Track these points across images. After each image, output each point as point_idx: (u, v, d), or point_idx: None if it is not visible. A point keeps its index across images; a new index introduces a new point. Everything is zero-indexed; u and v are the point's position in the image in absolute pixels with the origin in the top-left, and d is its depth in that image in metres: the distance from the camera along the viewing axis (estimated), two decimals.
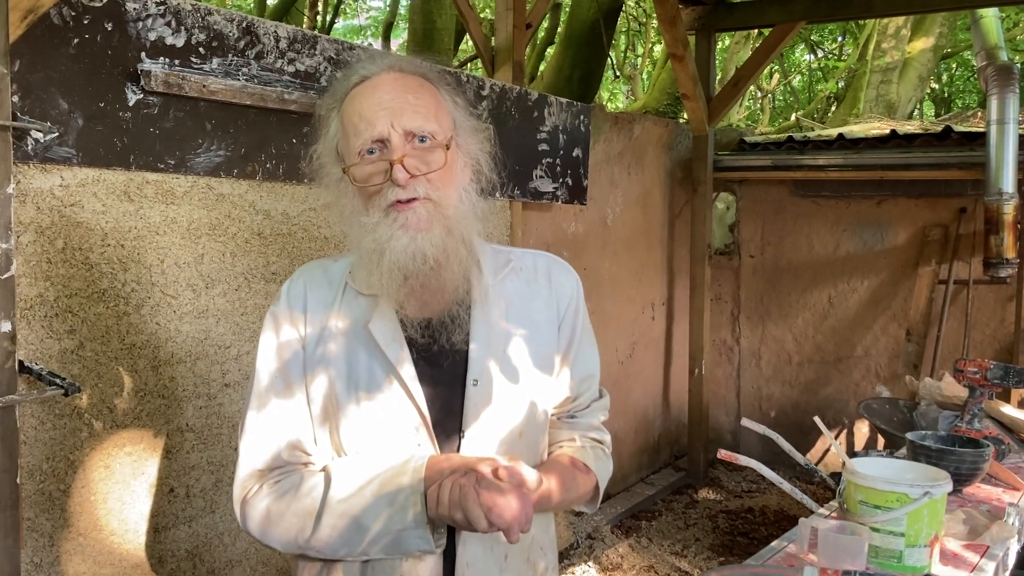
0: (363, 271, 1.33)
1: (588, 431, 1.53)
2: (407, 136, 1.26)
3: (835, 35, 12.23)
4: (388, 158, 1.25)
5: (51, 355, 2.15)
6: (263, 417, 1.35)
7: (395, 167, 1.24)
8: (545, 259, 1.50)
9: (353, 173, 1.29)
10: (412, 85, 1.30)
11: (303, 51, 2.64)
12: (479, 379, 1.34)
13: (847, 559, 1.64)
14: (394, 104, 1.26)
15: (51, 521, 2.19)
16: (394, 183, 1.24)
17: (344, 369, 1.33)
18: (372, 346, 1.32)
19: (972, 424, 2.68)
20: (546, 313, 1.44)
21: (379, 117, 1.26)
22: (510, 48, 4.25)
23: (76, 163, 2.12)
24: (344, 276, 1.39)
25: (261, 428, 1.35)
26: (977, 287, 5.18)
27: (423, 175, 1.26)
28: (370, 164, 1.27)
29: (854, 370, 5.66)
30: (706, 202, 5.61)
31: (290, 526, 1.29)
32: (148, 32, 2.23)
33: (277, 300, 1.40)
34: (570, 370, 1.47)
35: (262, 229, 2.65)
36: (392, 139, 1.25)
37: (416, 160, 1.26)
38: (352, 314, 1.35)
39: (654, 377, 5.83)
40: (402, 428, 1.32)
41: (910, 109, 8.40)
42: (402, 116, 1.26)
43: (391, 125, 1.25)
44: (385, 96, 1.27)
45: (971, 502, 2.21)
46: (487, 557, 1.35)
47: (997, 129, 4.40)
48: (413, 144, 1.26)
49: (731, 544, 4.71)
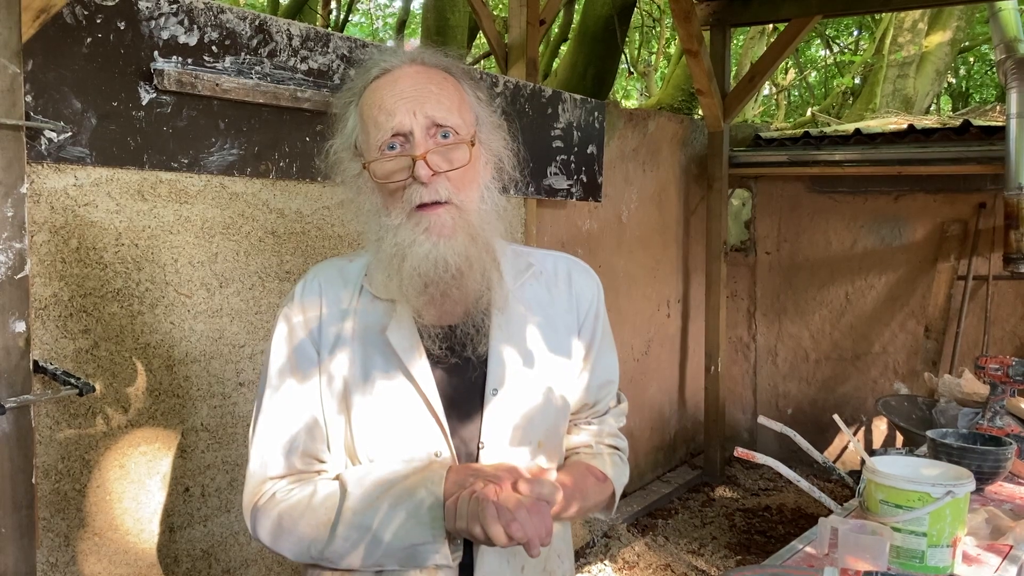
0: (381, 274, 1.28)
1: (605, 437, 1.50)
2: (429, 130, 1.22)
3: (851, 29, 12.15)
4: (410, 153, 1.21)
5: (66, 355, 2.15)
6: (275, 423, 1.32)
7: (418, 163, 1.19)
8: (566, 262, 1.46)
9: (373, 169, 1.24)
10: (435, 78, 1.26)
11: (316, 49, 2.63)
12: (498, 388, 1.31)
13: (868, 559, 1.62)
14: (416, 95, 1.22)
15: (66, 521, 2.19)
16: (417, 180, 1.20)
17: (360, 375, 1.29)
18: (389, 353, 1.28)
19: (994, 421, 2.65)
20: (566, 319, 1.41)
21: (400, 108, 1.21)
22: (524, 45, 4.23)
23: (90, 163, 2.12)
24: (360, 277, 1.34)
25: (273, 434, 1.31)
26: (997, 283, 5.12)
27: (445, 172, 1.22)
28: (391, 160, 1.22)
29: (872, 367, 5.61)
30: (722, 198, 5.57)
31: (303, 535, 1.26)
32: (161, 31, 2.22)
33: (290, 301, 1.35)
34: (589, 376, 1.45)
35: (276, 228, 2.65)
36: (415, 132, 1.21)
37: (439, 157, 1.22)
38: (368, 319, 1.31)
39: (670, 374, 5.81)
40: (420, 437, 1.28)
41: (927, 104, 8.32)
42: (424, 106, 1.21)
43: (413, 115, 1.21)
44: (407, 87, 1.23)
45: (994, 501, 2.18)
46: (504, 569, 1.31)
47: (1017, 123, 4.35)
48: (436, 140, 1.22)
49: (748, 543, 4.68)
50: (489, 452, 1.30)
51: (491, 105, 1.34)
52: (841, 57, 11.94)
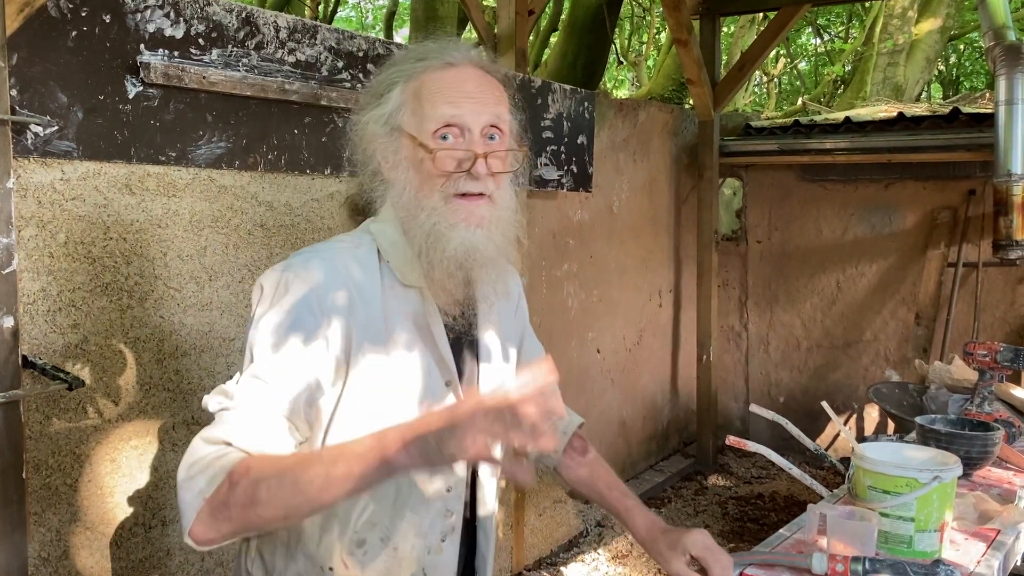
0: (406, 253, 1.30)
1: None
2: (484, 130, 1.28)
3: (841, 18, 12.15)
4: (469, 148, 1.27)
5: (55, 349, 2.15)
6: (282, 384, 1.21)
7: (479, 161, 1.26)
8: None
9: (434, 154, 1.27)
10: (494, 83, 1.34)
11: (303, 41, 2.62)
12: (489, 362, 1.43)
13: (856, 545, 1.63)
14: (482, 96, 1.30)
15: (58, 516, 2.19)
16: (472, 176, 1.26)
17: (395, 358, 1.28)
18: (428, 338, 1.32)
19: (982, 407, 2.66)
20: (507, 307, 1.52)
21: (466, 106, 1.28)
22: (513, 35, 4.21)
23: (77, 157, 2.11)
24: (374, 260, 1.31)
25: (276, 397, 1.20)
26: (987, 269, 5.14)
27: (494, 174, 1.29)
28: (447, 148, 1.27)
29: (863, 355, 5.63)
30: (712, 188, 5.58)
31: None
32: (147, 24, 2.21)
33: (302, 271, 1.25)
34: (528, 355, 1.58)
35: (265, 221, 2.64)
36: (473, 130, 1.27)
37: (498, 161, 1.30)
38: (397, 303, 1.30)
39: (662, 364, 5.82)
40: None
41: (917, 91, 8.34)
42: (486, 110, 1.29)
43: (478, 115, 1.27)
44: (473, 88, 1.30)
45: (981, 486, 2.19)
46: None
47: (1006, 110, 4.35)
48: (485, 140, 1.29)
49: (741, 530, 4.70)
50: None
51: (520, 113, 1.42)
52: (831, 45, 11.94)
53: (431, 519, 1.34)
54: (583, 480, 1.65)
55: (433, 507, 1.34)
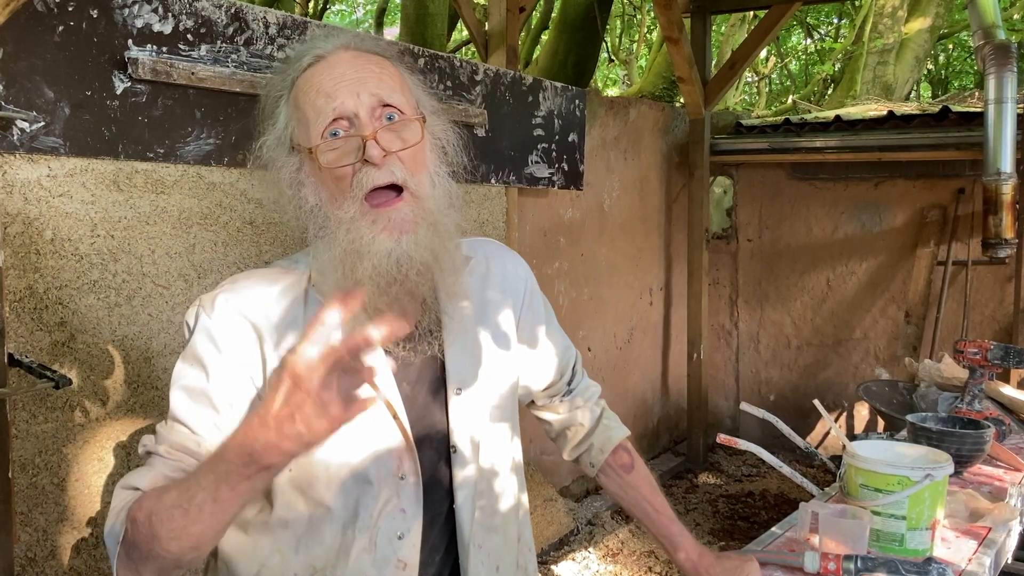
0: (331, 276, 1.17)
1: (590, 399, 1.55)
2: (375, 111, 1.14)
3: (831, 17, 12.17)
4: (359, 133, 1.13)
5: (42, 347, 2.13)
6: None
7: (369, 144, 1.11)
8: (485, 247, 1.39)
9: (318, 156, 1.14)
10: (372, 60, 1.19)
11: (293, 37, 2.61)
12: (461, 387, 1.25)
13: (848, 543, 1.63)
14: (357, 76, 1.15)
15: (45, 515, 2.17)
16: (368, 162, 1.12)
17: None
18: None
19: (972, 405, 2.67)
20: (503, 306, 1.36)
21: (342, 90, 1.14)
22: (503, 33, 4.20)
23: (63, 153, 2.09)
24: (303, 286, 1.22)
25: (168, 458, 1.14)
26: (976, 268, 5.16)
27: (397, 152, 1.14)
28: (335, 147, 1.14)
29: (853, 353, 5.65)
30: (703, 186, 5.58)
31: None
32: (135, 19, 2.19)
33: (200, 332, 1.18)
34: (553, 347, 1.46)
35: (254, 218, 2.63)
36: (360, 113, 1.13)
37: (391, 135, 1.14)
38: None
39: (652, 362, 5.82)
40: (383, 454, 1.19)
41: (907, 90, 8.36)
42: (367, 86, 1.14)
43: (357, 96, 1.14)
44: (346, 70, 1.16)
45: (972, 484, 2.19)
46: (481, 571, 1.26)
47: (995, 109, 4.36)
48: (381, 121, 1.14)
49: (732, 528, 4.71)
50: (460, 457, 1.24)
51: (430, 89, 1.28)
52: (821, 44, 11.97)
53: (379, 569, 1.19)
54: (625, 499, 1.57)
55: (380, 555, 1.19)
